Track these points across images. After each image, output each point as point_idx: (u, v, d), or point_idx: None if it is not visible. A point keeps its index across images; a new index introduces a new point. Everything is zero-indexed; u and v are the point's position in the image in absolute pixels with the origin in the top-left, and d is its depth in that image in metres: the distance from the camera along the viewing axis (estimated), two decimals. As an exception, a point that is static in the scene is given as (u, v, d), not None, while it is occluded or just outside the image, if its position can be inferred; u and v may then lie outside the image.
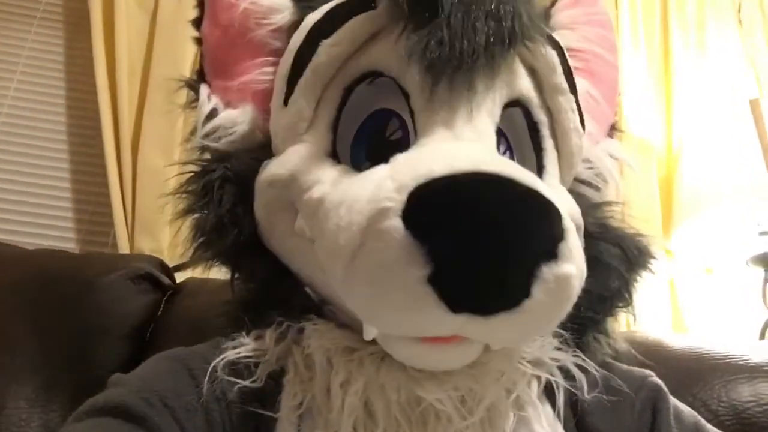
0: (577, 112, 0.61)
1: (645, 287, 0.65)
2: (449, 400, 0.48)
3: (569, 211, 0.56)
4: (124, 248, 1.40)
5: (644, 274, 0.64)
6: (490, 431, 0.49)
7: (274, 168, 0.57)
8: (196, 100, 0.66)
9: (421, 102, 0.53)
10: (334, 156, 0.56)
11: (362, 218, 0.42)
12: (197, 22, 0.68)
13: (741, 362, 0.82)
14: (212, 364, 0.51)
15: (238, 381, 0.51)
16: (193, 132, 0.65)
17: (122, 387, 0.50)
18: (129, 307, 0.92)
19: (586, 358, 0.56)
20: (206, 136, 0.62)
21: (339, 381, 0.49)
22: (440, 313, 0.41)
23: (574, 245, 0.43)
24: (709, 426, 0.59)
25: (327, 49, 0.56)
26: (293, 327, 0.54)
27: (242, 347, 0.54)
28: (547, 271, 0.41)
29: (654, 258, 0.64)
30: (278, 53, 0.62)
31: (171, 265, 1.10)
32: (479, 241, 0.39)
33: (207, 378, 0.51)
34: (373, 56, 0.56)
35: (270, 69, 0.62)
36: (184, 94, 0.69)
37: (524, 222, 0.40)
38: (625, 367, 0.63)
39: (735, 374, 0.80)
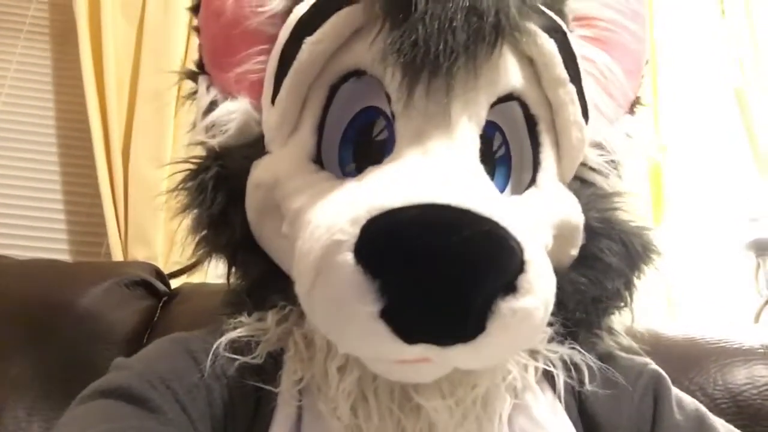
0: (578, 103, 0.57)
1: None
2: (446, 408, 0.48)
3: (561, 216, 0.56)
4: (117, 257, 1.41)
5: (647, 271, 0.61)
6: (484, 416, 0.50)
7: (261, 171, 0.57)
8: (197, 91, 0.65)
9: (399, 107, 0.50)
10: (318, 160, 0.55)
11: (319, 248, 0.41)
12: (195, 10, 0.66)
13: (736, 346, 0.83)
14: (215, 345, 0.52)
15: (238, 357, 0.52)
16: (193, 126, 0.65)
17: (125, 370, 0.51)
18: (124, 313, 0.92)
19: (583, 351, 0.55)
20: (206, 130, 0.61)
21: (336, 365, 0.49)
22: (395, 345, 0.40)
23: (536, 276, 0.42)
24: (710, 414, 0.58)
25: (310, 47, 0.54)
26: (295, 310, 0.54)
27: (243, 326, 0.54)
28: (504, 305, 0.40)
29: (658, 254, 0.61)
30: (275, 39, 0.59)
31: (166, 273, 1.10)
32: (430, 278, 0.39)
33: (209, 358, 0.51)
34: (356, 54, 0.54)
35: (266, 58, 0.60)
36: (176, 104, 0.66)
37: (477, 259, 0.39)
38: (626, 356, 0.62)
39: (730, 358, 0.81)
